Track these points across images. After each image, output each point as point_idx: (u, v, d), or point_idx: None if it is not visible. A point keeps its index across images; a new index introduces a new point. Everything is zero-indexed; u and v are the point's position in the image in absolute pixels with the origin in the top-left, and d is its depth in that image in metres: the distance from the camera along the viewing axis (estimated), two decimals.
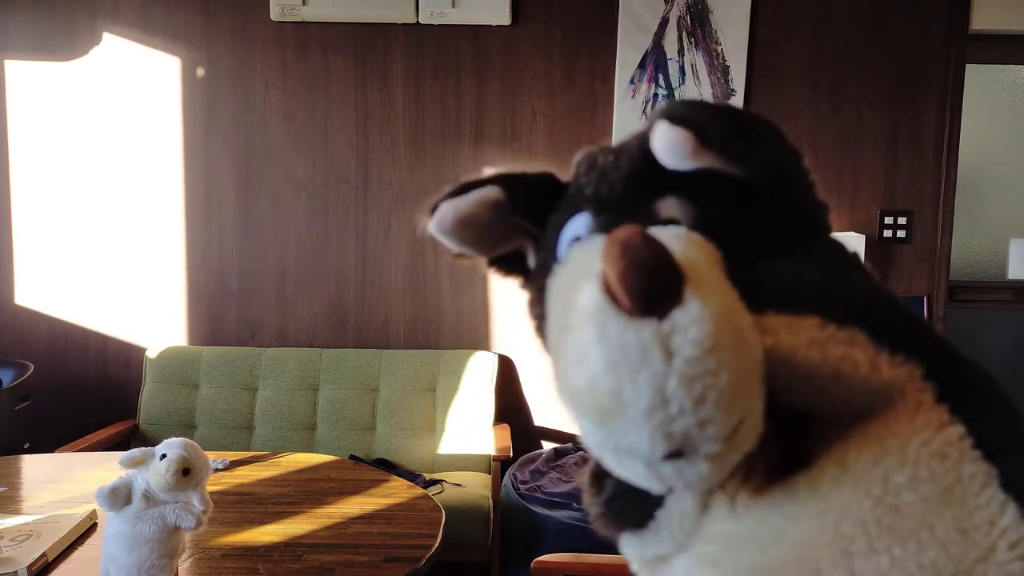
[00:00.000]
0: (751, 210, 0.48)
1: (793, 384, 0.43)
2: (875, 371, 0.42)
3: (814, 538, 0.42)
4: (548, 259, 0.53)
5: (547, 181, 0.57)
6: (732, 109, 0.46)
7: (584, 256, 0.44)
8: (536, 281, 0.55)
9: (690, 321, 0.36)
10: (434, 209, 0.54)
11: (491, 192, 0.54)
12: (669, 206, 0.47)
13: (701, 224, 0.46)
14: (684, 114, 0.45)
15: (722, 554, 0.45)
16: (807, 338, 0.42)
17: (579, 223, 0.51)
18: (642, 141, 0.49)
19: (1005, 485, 0.41)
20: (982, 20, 2.77)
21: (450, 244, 0.55)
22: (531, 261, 0.58)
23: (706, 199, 0.47)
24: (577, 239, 0.50)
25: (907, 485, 0.41)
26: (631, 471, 0.41)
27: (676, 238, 0.42)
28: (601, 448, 0.41)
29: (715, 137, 0.45)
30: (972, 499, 0.40)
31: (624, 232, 0.37)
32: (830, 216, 0.51)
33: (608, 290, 0.37)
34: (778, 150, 0.48)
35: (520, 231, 0.57)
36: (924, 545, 0.40)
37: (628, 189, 0.49)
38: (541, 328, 0.53)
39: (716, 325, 0.37)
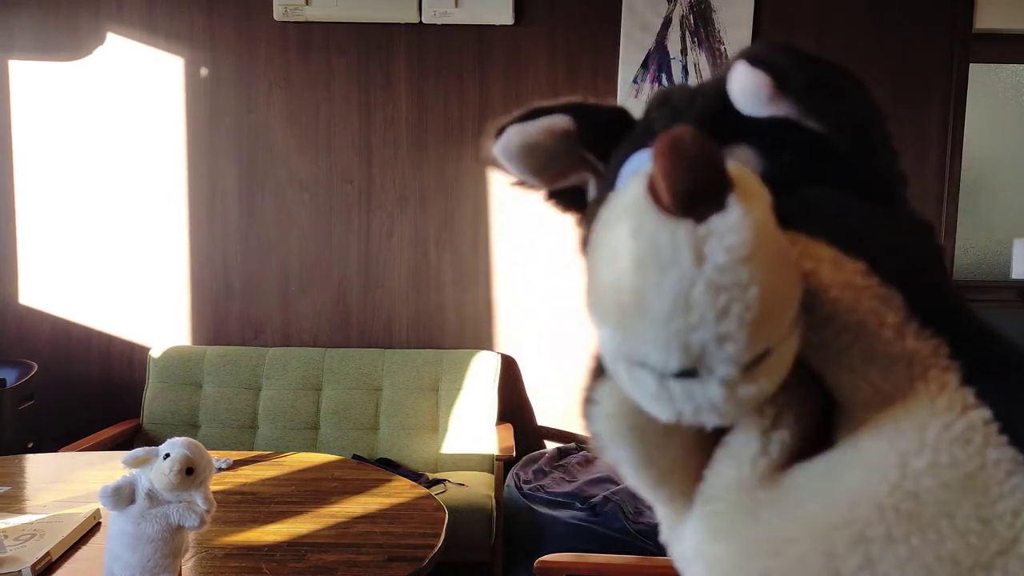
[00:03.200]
0: (822, 169, 0.45)
1: (813, 328, 0.41)
2: (899, 337, 0.40)
3: (829, 519, 0.40)
4: (605, 191, 0.50)
5: (619, 116, 0.54)
6: (818, 57, 0.43)
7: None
8: (591, 215, 0.52)
9: (728, 228, 0.34)
10: (500, 132, 0.52)
11: (561, 121, 0.52)
12: (738, 153, 0.45)
13: (767, 177, 0.43)
14: (766, 57, 0.42)
15: (735, 526, 0.44)
16: (846, 279, 0.40)
17: (643, 157, 0.48)
18: (720, 83, 0.46)
19: None
20: (986, 19, 2.76)
21: (512, 170, 0.54)
22: (591, 197, 0.56)
23: (777, 151, 0.45)
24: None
25: (926, 471, 0.39)
26: (642, 388, 0.39)
27: (735, 163, 0.40)
28: (616, 358, 0.39)
29: (796, 84, 0.42)
30: (996, 487, 0.38)
31: (678, 129, 0.35)
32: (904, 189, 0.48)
33: (651, 186, 0.36)
34: (862, 107, 0.45)
35: (585, 164, 0.54)
36: (943, 535, 0.38)
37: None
38: None
39: (755, 237, 0.34)
